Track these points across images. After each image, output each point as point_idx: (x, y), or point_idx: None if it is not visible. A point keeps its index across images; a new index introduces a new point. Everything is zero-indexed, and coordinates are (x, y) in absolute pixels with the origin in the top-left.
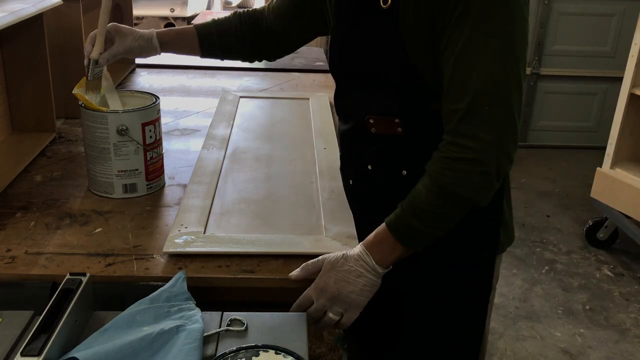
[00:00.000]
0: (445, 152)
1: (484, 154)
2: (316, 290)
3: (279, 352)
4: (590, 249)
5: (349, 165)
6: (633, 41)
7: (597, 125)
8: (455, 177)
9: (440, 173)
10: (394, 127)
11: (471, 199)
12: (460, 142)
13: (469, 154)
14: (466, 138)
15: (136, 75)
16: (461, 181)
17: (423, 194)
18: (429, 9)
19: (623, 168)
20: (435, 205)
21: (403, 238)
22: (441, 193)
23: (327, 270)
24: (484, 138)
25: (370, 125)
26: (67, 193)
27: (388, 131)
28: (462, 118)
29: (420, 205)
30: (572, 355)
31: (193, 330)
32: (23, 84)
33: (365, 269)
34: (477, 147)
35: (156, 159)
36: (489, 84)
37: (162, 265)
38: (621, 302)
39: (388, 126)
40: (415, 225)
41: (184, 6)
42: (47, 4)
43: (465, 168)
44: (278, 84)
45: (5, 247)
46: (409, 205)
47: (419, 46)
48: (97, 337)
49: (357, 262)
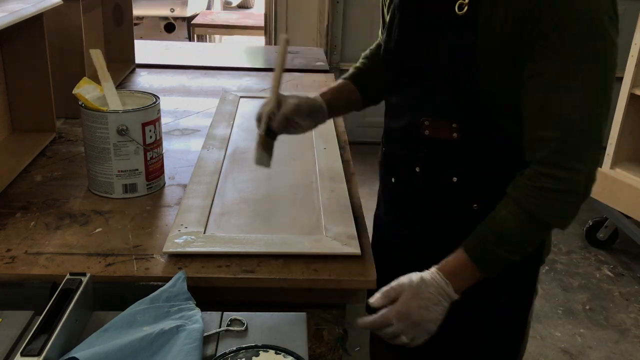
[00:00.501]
0: (539, 182)
1: (578, 185)
2: (398, 315)
3: (279, 352)
4: (590, 249)
5: (393, 164)
6: (633, 41)
7: None
8: (549, 207)
9: (534, 204)
10: (450, 132)
11: (560, 227)
12: (555, 173)
13: (564, 186)
14: (561, 170)
15: (136, 75)
16: (555, 212)
17: (511, 222)
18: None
19: (623, 168)
20: (524, 233)
21: (485, 266)
22: (533, 222)
23: (410, 297)
24: (579, 169)
25: (424, 127)
26: (67, 193)
27: (443, 135)
28: (557, 149)
29: (507, 233)
30: (572, 355)
31: (193, 330)
32: (23, 84)
33: (443, 297)
34: (572, 178)
35: (156, 159)
36: (585, 115)
37: (162, 265)
38: (621, 302)
39: (444, 130)
40: (500, 253)
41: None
42: (47, 4)
43: (560, 199)
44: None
45: (5, 247)
46: (493, 233)
47: (495, 64)
48: (97, 337)
49: (437, 290)
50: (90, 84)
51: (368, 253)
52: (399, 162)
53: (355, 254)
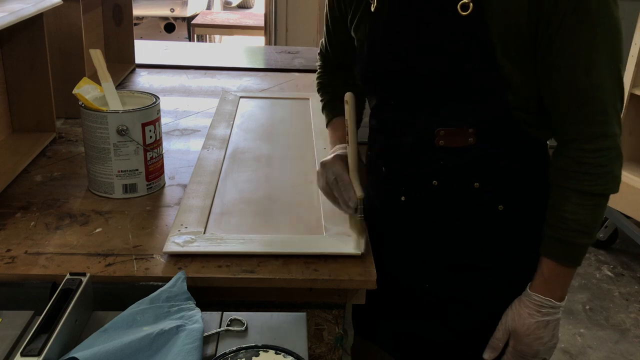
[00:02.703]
0: (591, 159)
1: (618, 147)
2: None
3: (279, 352)
4: (590, 249)
5: (402, 182)
6: (633, 41)
7: None
8: (609, 180)
9: (597, 184)
10: (466, 138)
11: (616, 190)
12: (606, 144)
13: (614, 153)
14: (610, 139)
15: (136, 75)
16: (614, 181)
17: (581, 213)
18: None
19: (623, 168)
20: (598, 214)
21: (574, 261)
22: (597, 200)
23: (518, 337)
24: (616, 132)
25: (439, 137)
26: (67, 193)
27: (459, 143)
28: (600, 120)
29: (587, 222)
30: (572, 355)
31: (193, 330)
32: (23, 84)
33: (550, 314)
34: (616, 144)
35: (156, 159)
36: (615, 84)
37: (162, 265)
38: (621, 302)
39: (460, 137)
40: (584, 242)
41: (184, 6)
42: (47, 4)
43: (613, 168)
44: (278, 84)
45: (5, 247)
46: (572, 229)
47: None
48: (97, 337)
49: (540, 313)
50: (90, 84)
51: (368, 253)
52: (409, 179)
53: (355, 254)
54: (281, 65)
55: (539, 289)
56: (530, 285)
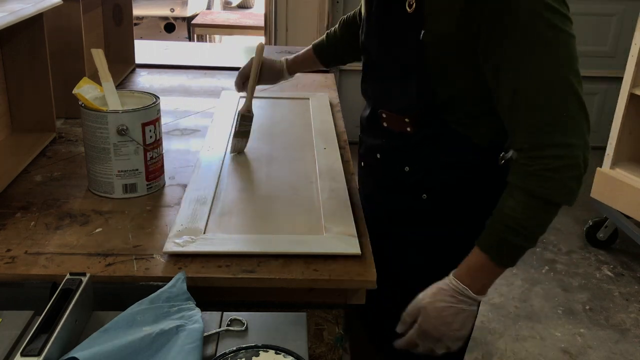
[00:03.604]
0: (538, 165)
1: (576, 159)
2: (419, 336)
3: (279, 352)
4: (590, 249)
5: (363, 148)
6: (633, 41)
7: (597, 125)
8: (555, 187)
9: (539, 186)
10: (403, 126)
11: (567, 202)
12: (552, 153)
13: (563, 162)
14: (557, 148)
15: (136, 75)
16: (561, 190)
17: (519, 210)
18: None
19: (623, 168)
20: (538, 218)
21: (506, 259)
22: (544, 205)
23: (427, 316)
24: (572, 143)
25: (382, 119)
26: (67, 193)
27: (398, 128)
28: (544, 130)
29: (521, 222)
30: (572, 355)
31: (193, 330)
32: (23, 84)
33: (466, 303)
34: (568, 153)
35: (156, 159)
36: (560, 89)
37: (162, 265)
38: (621, 302)
39: (398, 123)
40: (517, 242)
41: (184, 6)
42: (47, 4)
43: (562, 176)
44: (278, 84)
45: (5, 247)
46: (506, 225)
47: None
48: (97, 337)
49: (455, 299)
50: (90, 84)
51: (368, 253)
52: (365, 148)
53: (355, 254)
54: None
55: (461, 275)
56: (454, 271)
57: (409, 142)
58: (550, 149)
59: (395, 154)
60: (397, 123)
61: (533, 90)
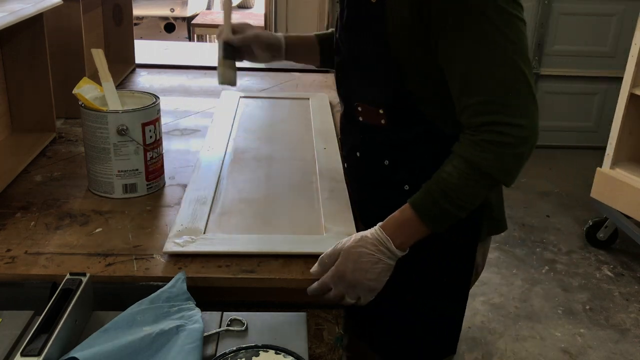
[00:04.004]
0: (482, 136)
1: (520, 138)
2: (333, 278)
3: (279, 352)
4: (590, 249)
5: (345, 150)
6: (633, 41)
7: (597, 125)
8: (492, 158)
9: (477, 155)
10: (378, 118)
11: (503, 180)
12: (497, 129)
13: (506, 139)
14: (503, 126)
15: (136, 75)
16: (498, 164)
17: (455, 175)
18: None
19: (623, 168)
20: (469, 186)
21: (432, 220)
22: (475, 174)
23: (345, 258)
24: (516, 123)
25: (358, 113)
26: (67, 193)
27: (373, 121)
28: (490, 110)
29: (452, 186)
30: (572, 355)
31: (193, 330)
32: (23, 84)
33: (385, 254)
34: (514, 133)
35: (156, 159)
36: (508, 72)
37: (162, 265)
38: (621, 302)
39: (373, 116)
40: (446, 206)
41: (184, 6)
42: (47, 4)
43: (502, 151)
44: (278, 84)
45: (5, 247)
46: (439, 188)
47: (405, 49)
48: (97, 337)
49: (376, 247)
50: (90, 84)
51: None
52: (347, 149)
53: None
54: (281, 65)
55: (386, 227)
56: (386, 219)
57: (385, 135)
58: (497, 126)
59: (373, 149)
60: (372, 116)
61: (483, 73)
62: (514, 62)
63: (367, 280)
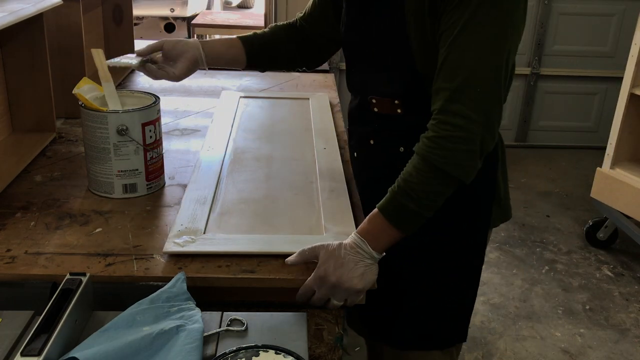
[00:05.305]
0: (435, 131)
1: (471, 133)
2: (316, 281)
3: (279, 352)
4: (590, 249)
5: (354, 139)
6: (633, 41)
7: (597, 125)
8: (445, 154)
9: (430, 152)
10: (394, 108)
11: (458, 176)
12: (450, 120)
13: (458, 132)
14: (456, 117)
15: (136, 75)
16: (450, 158)
17: (414, 174)
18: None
19: (623, 168)
20: (427, 184)
21: (397, 221)
22: (432, 171)
23: (325, 259)
24: (473, 117)
25: (372, 104)
26: (67, 193)
27: (388, 111)
28: (452, 97)
29: (412, 185)
30: (572, 355)
31: (193, 330)
32: (23, 84)
33: (363, 256)
34: (465, 125)
35: (156, 159)
36: (481, 67)
37: (162, 265)
38: (621, 302)
39: (388, 107)
40: (409, 206)
41: (184, 6)
42: (47, 4)
43: (453, 146)
44: (278, 84)
45: (5, 247)
46: (400, 187)
47: (419, 31)
48: (97, 337)
49: (353, 250)
50: (90, 84)
51: None
52: (357, 137)
53: None
54: None
55: (361, 230)
56: (357, 228)
57: (401, 122)
58: (454, 117)
59: (388, 136)
60: (387, 106)
61: (458, 60)
62: (494, 60)
63: (349, 280)
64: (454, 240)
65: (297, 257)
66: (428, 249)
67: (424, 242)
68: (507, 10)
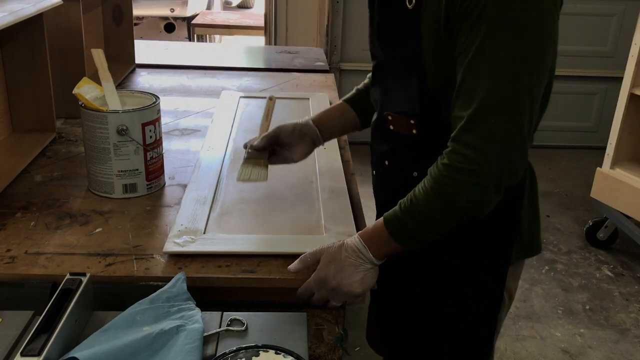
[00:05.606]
0: (449, 160)
1: (483, 167)
2: (316, 283)
3: (279, 352)
4: (590, 249)
5: (374, 157)
6: (633, 41)
7: (597, 125)
8: (454, 186)
9: (441, 180)
10: (409, 128)
11: (467, 209)
12: (463, 151)
13: (468, 165)
14: (468, 148)
15: (136, 75)
16: (458, 191)
17: (422, 197)
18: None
19: (623, 168)
20: (432, 210)
21: (397, 235)
22: (438, 200)
23: (326, 262)
24: (486, 150)
25: (388, 121)
26: (67, 193)
27: (403, 131)
28: (466, 127)
29: (417, 207)
30: (572, 355)
31: (193, 330)
32: (23, 84)
33: (363, 260)
34: (477, 158)
35: (156, 159)
36: (496, 94)
37: (162, 265)
38: (621, 302)
39: (404, 126)
40: (410, 225)
41: (184, 6)
42: (47, 4)
43: (463, 179)
44: (278, 84)
45: (5, 247)
46: (407, 206)
47: (434, 50)
48: (97, 337)
49: (355, 253)
50: (90, 84)
51: None
52: (376, 157)
53: None
54: (281, 65)
55: (364, 235)
56: (364, 228)
57: (415, 145)
58: (466, 148)
59: (403, 159)
60: (403, 125)
61: (472, 87)
62: (516, 86)
63: (349, 285)
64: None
65: (298, 264)
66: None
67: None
68: (529, 30)
